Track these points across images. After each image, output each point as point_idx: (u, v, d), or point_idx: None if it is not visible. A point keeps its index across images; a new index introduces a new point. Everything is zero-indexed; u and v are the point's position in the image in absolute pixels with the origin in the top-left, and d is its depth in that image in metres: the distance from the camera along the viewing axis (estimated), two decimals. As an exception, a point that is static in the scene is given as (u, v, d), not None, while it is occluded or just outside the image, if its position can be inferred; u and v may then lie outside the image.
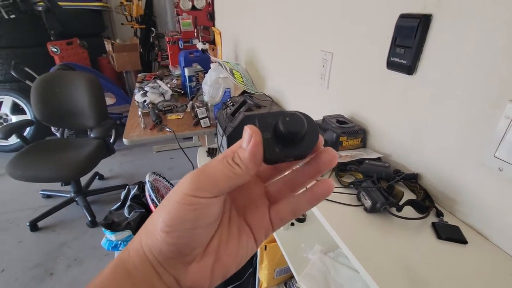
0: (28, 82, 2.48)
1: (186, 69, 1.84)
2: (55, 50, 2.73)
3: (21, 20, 2.61)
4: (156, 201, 1.53)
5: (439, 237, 0.51)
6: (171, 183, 1.86)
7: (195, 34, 2.55)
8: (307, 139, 0.20)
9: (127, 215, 1.57)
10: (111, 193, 2.27)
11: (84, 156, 1.84)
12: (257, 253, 1.09)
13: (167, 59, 2.86)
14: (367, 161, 0.68)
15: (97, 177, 2.46)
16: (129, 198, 1.67)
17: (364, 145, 0.80)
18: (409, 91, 0.65)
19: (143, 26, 3.60)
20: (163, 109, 1.73)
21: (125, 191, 1.75)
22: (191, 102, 1.74)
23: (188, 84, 1.87)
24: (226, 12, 2.30)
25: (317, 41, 1.01)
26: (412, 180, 0.66)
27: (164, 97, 1.83)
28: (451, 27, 0.54)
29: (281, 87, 1.39)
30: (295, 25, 1.15)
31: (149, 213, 1.57)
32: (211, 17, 2.60)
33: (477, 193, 0.54)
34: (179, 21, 2.52)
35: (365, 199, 0.58)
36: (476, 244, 0.51)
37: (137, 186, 1.75)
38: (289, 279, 1.11)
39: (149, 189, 1.58)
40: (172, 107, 1.76)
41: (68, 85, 1.96)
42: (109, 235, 1.45)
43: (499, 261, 0.48)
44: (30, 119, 2.66)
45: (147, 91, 1.82)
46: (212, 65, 1.62)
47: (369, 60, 0.77)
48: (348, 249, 0.49)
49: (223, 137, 1.30)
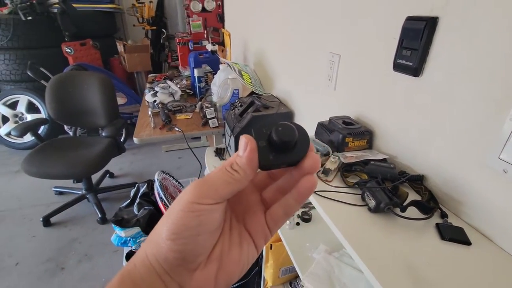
0: (43, 81, 2.55)
1: (195, 70, 1.87)
2: (69, 50, 2.81)
3: (37, 21, 2.68)
4: (164, 199, 1.55)
5: (443, 238, 0.51)
6: (179, 182, 1.89)
7: (205, 35, 2.58)
8: (299, 147, 0.22)
9: (136, 212, 1.61)
10: (121, 190, 2.32)
11: (95, 154, 1.89)
12: (262, 252, 1.10)
13: (177, 60, 2.91)
14: (372, 162, 0.68)
15: (108, 175, 2.51)
16: (139, 196, 1.70)
17: (370, 146, 0.81)
18: (415, 93, 0.66)
19: (154, 27, 3.67)
20: (173, 109, 1.76)
21: (135, 189, 1.79)
22: (200, 102, 1.76)
23: (197, 84, 1.90)
24: (235, 14, 2.32)
25: (324, 43, 1.01)
26: (417, 181, 0.66)
27: (173, 98, 1.86)
28: (457, 29, 0.55)
29: (288, 88, 1.40)
30: (303, 27, 1.16)
31: (158, 210, 1.60)
32: (221, 19, 2.62)
33: (482, 195, 0.54)
34: (189, 22, 2.55)
35: (370, 199, 0.58)
36: (480, 245, 0.51)
37: (146, 184, 1.78)
38: (294, 279, 1.11)
39: (158, 187, 1.61)
40: (181, 107, 1.79)
41: (81, 85, 2.01)
42: (119, 231, 1.48)
43: (502, 262, 0.48)
44: (44, 117, 2.74)
45: (157, 91, 1.85)
46: (221, 66, 1.64)
47: (376, 62, 0.77)
48: (352, 249, 0.50)
49: (231, 137, 1.31)
